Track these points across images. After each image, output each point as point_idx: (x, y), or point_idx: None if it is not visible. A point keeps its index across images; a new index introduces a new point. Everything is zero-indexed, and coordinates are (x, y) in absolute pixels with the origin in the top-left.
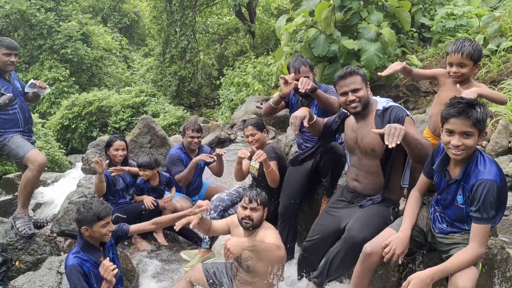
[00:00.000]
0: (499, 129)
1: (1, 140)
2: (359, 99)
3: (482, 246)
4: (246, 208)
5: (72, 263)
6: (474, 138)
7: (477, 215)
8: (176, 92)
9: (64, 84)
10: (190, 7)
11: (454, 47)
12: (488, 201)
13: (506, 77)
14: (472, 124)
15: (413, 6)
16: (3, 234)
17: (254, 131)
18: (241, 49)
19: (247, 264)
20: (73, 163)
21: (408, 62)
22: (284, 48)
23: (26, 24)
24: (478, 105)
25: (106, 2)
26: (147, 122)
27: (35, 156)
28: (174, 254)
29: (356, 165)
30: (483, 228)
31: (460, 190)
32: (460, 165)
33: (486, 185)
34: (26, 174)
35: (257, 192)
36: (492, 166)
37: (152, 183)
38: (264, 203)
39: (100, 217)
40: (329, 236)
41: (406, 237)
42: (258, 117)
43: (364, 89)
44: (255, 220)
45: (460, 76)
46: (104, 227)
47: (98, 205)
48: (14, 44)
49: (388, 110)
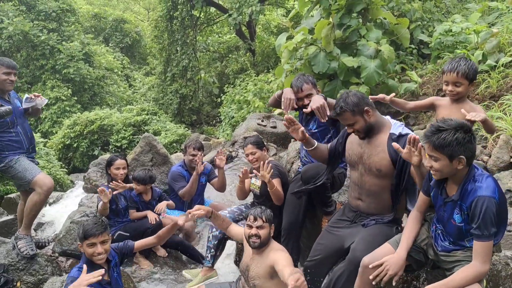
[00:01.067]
0: (500, 144)
1: (7, 162)
2: (357, 130)
3: (485, 264)
4: (252, 227)
5: (74, 275)
6: (441, 162)
7: (478, 232)
8: (178, 110)
9: (66, 103)
10: (191, 26)
11: (450, 66)
12: (488, 218)
13: (505, 92)
14: (434, 149)
15: (412, 23)
16: (4, 254)
17: (253, 149)
18: (242, 67)
19: (254, 283)
20: (75, 182)
21: (408, 78)
22: (285, 66)
23: (28, 45)
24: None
25: (108, 22)
26: (149, 141)
27: (43, 180)
28: (176, 273)
29: (358, 183)
30: (485, 245)
31: (457, 209)
32: (457, 183)
33: (485, 202)
34: (32, 198)
35: (262, 210)
36: (490, 182)
37: (145, 198)
38: (269, 219)
39: (86, 236)
40: (332, 256)
41: (401, 259)
42: (258, 136)
43: (359, 122)
44: (263, 238)
45: (455, 95)
46: (90, 247)
47: (90, 224)
48: (13, 63)
49: (404, 137)
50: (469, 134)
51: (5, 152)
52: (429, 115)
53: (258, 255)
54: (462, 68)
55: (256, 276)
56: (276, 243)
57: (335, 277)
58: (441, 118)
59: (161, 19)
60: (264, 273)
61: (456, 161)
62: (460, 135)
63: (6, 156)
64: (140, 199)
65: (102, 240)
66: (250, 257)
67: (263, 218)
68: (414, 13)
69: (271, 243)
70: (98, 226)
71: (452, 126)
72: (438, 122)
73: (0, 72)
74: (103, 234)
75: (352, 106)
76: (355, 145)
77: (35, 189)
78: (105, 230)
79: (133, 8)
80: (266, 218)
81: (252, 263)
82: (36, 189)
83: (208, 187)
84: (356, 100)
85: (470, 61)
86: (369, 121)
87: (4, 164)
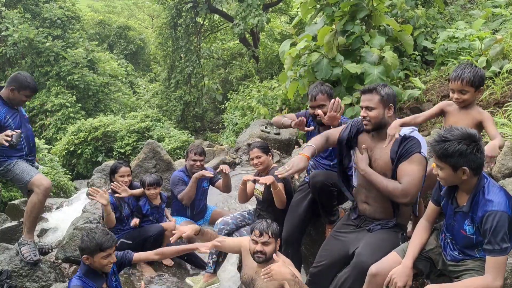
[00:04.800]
0: (505, 151)
1: (5, 165)
2: (371, 118)
3: (497, 280)
4: (257, 243)
5: (75, 284)
6: (445, 172)
7: (489, 247)
8: (181, 116)
9: (70, 110)
10: (195, 33)
11: (455, 74)
12: (499, 233)
13: (510, 99)
14: (437, 158)
15: (415, 29)
16: (8, 260)
17: (259, 153)
18: (245, 74)
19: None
20: (79, 188)
21: (411, 84)
22: (288, 72)
23: (33, 52)
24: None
25: (112, 29)
26: (153, 147)
27: (40, 180)
28: (178, 280)
29: (365, 186)
30: (497, 260)
31: (468, 220)
32: (467, 192)
33: (496, 216)
34: (31, 199)
35: (268, 224)
36: (502, 196)
37: (155, 202)
38: (275, 234)
39: (102, 248)
40: (337, 262)
41: (408, 269)
42: (263, 141)
43: (378, 110)
44: (268, 254)
45: (462, 102)
46: (105, 258)
47: (102, 235)
48: (37, 87)
49: (407, 139)
50: (472, 145)
51: (4, 157)
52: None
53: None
54: (467, 76)
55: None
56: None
57: (340, 282)
58: (448, 127)
59: (165, 26)
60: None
61: (460, 171)
62: (463, 146)
63: (5, 160)
64: (151, 206)
65: (114, 249)
66: (254, 270)
67: (269, 234)
68: (417, 20)
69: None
70: (110, 237)
71: (456, 136)
72: (444, 131)
73: (23, 94)
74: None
75: (385, 94)
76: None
77: (33, 189)
78: (115, 239)
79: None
80: (272, 233)
81: (257, 277)
82: (34, 189)
83: (211, 193)
84: (391, 92)
85: (475, 67)
86: (385, 117)
87: (3, 168)
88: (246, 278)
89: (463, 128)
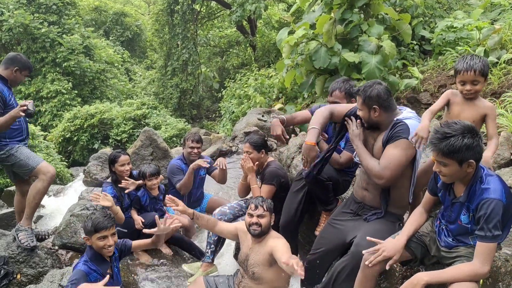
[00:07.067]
0: (501, 141)
1: (7, 149)
2: (361, 117)
3: (484, 265)
4: (253, 216)
5: (80, 268)
6: (450, 168)
7: (481, 233)
8: (178, 104)
9: (66, 96)
10: (191, 20)
11: (466, 66)
12: (493, 220)
13: (507, 89)
14: (443, 156)
15: (413, 19)
16: (5, 246)
17: (250, 149)
18: (242, 62)
19: (253, 271)
20: (75, 175)
21: (409, 74)
22: (285, 61)
23: (29, 38)
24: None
25: (109, 15)
26: (149, 135)
27: (47, 167)
28: (175, 267)
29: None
30: (487, 246)
31: (464, 209)
32: (464, 183)
33: (491, 204)
34: (36, 185)
35: (263, 199)
36: (497, 184)
37: (153, 193)
38: (270, 208)
39: (97, 229)
40: (334, 249)
41: (400, 244)
42: (260, 136)
43: (364, 111)
44: (264, 226)
45: (473, 93)
46: (101, 240)
47: (99, 217)
48: (32, 67)
49: (397, 124)
50: (477, 137)
51: (6, 140)
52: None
53: (257, 244)
54: (478, 66)
55: (255, 263)
56: (275, 232)
57: (337, 271)
58: (444, 122)
59: (161, 13)
60: (263, 261)
61: (466, 164)
62: (469, 140)
63: (7, 144)
64: (149, 196)
65: (112, 232)
66: (249, 247)
67: (264, 207)
68: (416, 9)
69: (270, 231)
70: (108, 219)
71: (458, 130)
72: (442, 127)
73: (24, 74)
74: (113, 226)
75: (365, 96)
76: (368, 136)
77: (39, 176)
78: (114, 223)
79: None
80: (266, 207)
81: (251, 253)
82: (40, 176)
83: (207, 182)
84: (374, 94)
85: (481, 57)
86: (373, 117)
87: (4, 152)
88: (242, 256)
89: (460, 121)
